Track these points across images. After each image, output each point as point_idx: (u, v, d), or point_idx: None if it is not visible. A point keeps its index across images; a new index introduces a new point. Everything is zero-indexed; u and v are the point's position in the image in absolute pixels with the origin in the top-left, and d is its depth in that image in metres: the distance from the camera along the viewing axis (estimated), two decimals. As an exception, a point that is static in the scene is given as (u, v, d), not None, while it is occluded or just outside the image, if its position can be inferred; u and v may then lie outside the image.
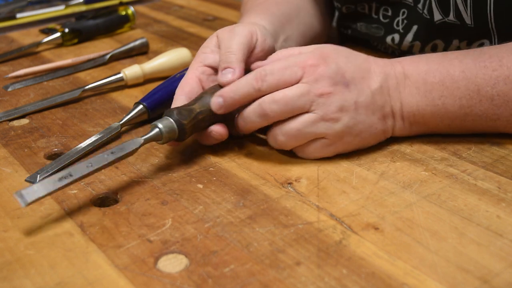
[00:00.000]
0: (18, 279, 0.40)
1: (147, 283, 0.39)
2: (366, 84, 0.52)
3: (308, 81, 0.50)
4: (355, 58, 0.53)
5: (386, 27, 0.74)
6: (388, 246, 0.42)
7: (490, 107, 0.52)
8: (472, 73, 0.52)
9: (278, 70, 0.51)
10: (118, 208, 0.48)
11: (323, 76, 0.50)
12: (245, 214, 0.46)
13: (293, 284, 0.39)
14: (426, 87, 0.53)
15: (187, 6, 1.13)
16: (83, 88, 0.70)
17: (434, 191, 0.49)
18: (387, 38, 0.74)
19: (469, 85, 0.52)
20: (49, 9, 1.06)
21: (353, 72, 0.52)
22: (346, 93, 0.51)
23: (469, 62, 0.53)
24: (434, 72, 0.53)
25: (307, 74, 0.50)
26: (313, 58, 0.51)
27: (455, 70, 0.52)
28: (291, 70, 0.51)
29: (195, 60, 0.58)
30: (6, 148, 0.58)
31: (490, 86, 0.51)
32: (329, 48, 0.53)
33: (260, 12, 0.67)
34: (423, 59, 0.54)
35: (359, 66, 0.53)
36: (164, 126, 0.51)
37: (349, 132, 0.52)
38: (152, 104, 0.62)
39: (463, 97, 0.52)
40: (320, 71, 0.50)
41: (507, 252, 0.41)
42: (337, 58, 0.52)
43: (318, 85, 0.50)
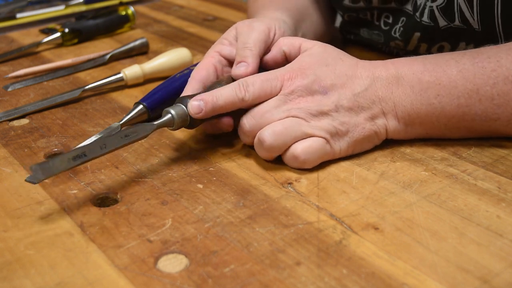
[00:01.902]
0: (18, 279, 0.40)
1: (147, 283, 0.39)
2: (349, 89, 0.52)
3: (285, 93, 0.51)
4: (340, 65, 0.53)
5: (385, 35, 0.74)
6: (388, 246, 0.42)
7: (490, 106, 0.52)
8: (470, 73, 0.51)
9: (260, 82, 0.52)
10: (118, 208, 0.48)
11: (299, 87, 0.51)
12: (245, 214, 0.46)
13: (293, 284, 0.39)
14: (421, 86, 0.52)
15: (187, 6, 1.13)
16: (83, 88, 0.70)
17: (434, 191, 0.49)
18: (391, 43, 0.74)
19: (467, 85, 0.51)
20: (49, 9, 1.06)
21: (333, 79, 0.52)
22: (325, 99, 0.51)
23: (466, 63, 0.52)
24: (430, 72, 0.52)
25: (285, 86, 0.52)
26: (291, 72, 0.52)
27: (452, 70, 0.52)
28: (271, 84, 0.52)
29: (213, 49, 0.59)
30: (6, 148, 0.58)
31: (490, 86, 0.51)
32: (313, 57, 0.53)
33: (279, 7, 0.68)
34: (418, 59, 0.54)
35: (342, 73, 0.53)
36: (177, 113, 0.52)
37: (335, 131, 0.51)
38: (152, 104, 0.62)
39: (461, 96, 0.52)
40: (298, 83, 0.52)
41: (507, 252, 0.41)
42: (317, 68, 0.52)
43: (294, 95, 0.51)
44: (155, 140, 0.59)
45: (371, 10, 0.74)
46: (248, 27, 0.58)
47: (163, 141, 0.59)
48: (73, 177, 0.52)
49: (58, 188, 0.51)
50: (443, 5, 0.65)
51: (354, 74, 0.53)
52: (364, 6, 0.73)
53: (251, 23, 0.58)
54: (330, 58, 0.53)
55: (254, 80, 0.52)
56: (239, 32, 0.58)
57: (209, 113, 0.52)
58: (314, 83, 0.51)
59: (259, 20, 0.59)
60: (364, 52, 0.81)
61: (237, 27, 0.59)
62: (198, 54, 0.84)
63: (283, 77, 0.52)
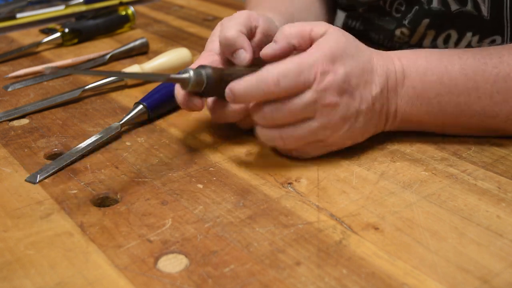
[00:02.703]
0: (18, 279, 0.40)
1: (147, 283, 0.39)
2: (369, 89, 0.52)
3: (317, 89, 0.49)
4: (361, 55, 0.52)
5: (397, 21, 0.74)
6: (388, 246, 0.42)
7: (489, 104, 0.52)
8: (471, 69, 0.52)
9: (293, 75, 0.49)
10: (118, 208, 0.48)
11: (332, 85, 0.50)
12: (245, 214, 0.46)
13: (293, 284, 0.39)
14: (423, 85, 0.53)
15: (187, 6, 1.13)
16: (83, 88, 0.70)
17: (434, 191, 0.49)
18: (396, 31, 0.74)
19: (467, 82, 0.52)
20: (49, 9, 1.06)
21: (358, 76, 0.51)
22: (350, 102, 0.51)
23: (469, 59, 0.52)
24: (433, 70, 0.53)
25: (317, 81, 0.49)
26: (323, 63, 0.50)
27: (454, 66, 0.52)
28: (304, 77, 0.49)
29: (205, 50, 0.59)
30: (6, 148, 0.58)
31: (490, 84, 0.51)
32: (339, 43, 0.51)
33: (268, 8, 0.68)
34: (422, 55, 0.54)
35: (363, 67, 0.52)
36: (195, 73, 0.51)
37: (346, 137, 0.52)
38: (152, 104, 0.62)
39: (461, 94, 0.52)
40: (330, 79, 0.50)
41: (507, 252, 0.41)
42: (346, 61, 0.51)
43: (326, 94, 0.50)
44: (155, 140, 0.59)
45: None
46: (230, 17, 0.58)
47: (163, 141, 0.59)
48: (73, 177, 0.53)
49: (58, 188, 0.51)
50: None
51: (372, 67, 0.52)
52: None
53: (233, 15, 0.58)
54: (351, 45, 0.52)
55: (286, 71, 0.49)
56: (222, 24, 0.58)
57: (238, 101, 0.51)
58: (344, 83, 0.50)
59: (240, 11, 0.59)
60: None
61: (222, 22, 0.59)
62: (198, 54, 0.84)
63: (317, 69, 0.49)
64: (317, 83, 0.49)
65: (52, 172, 0.53)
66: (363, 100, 0.51)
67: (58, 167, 0.54)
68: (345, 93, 0.50)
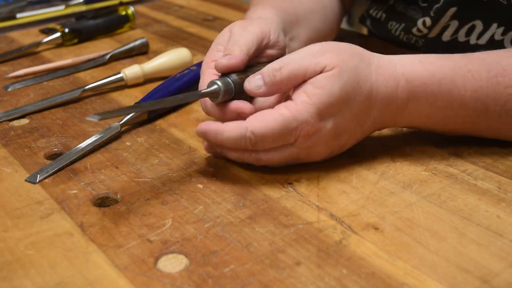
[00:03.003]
0: (18, 279, 0.40)
1: (147, 283, 0.39)
2: (360, 127, 0.51)
3: (299, 147, 0.49)
4: (358, 97, 0.49)
5: (423, 11, 0.72)
6: (388, 246, 0.42)
7: (495, 123, 0.51)
8: (483, 92, 0.50)
9: (276, 136, 0.47)
10: (118, 208, 0.48)
11: (316, 142, 0.49)
12: (245, 214, 0.46)
13: (293, 284, 0.39)
14: (431, 110, 0.51)
15: (187, 6, 1.13)
16: (83, 88, 0.70)
17: (434, 191, 0.49)
18: (418, 21, 0.72)
19: (477, 105, 0.50)
20: (49, 9, 1.06)
21: (349, 121, 0.49)
22: (335, 142, 0.50)
23: (483, 79, 0.50)
24: (444, 96, 0.50)
25: (300, 142, 0.48)
26: (311, 124, 0.47)
27: (467, 90, 0.50)
28: (284, 139, 0.48)
29: (209, 58, 0.57)
30: (6, 148, 0.58)
31: (500, 105, 0.50)
32: (333, 94, 0.47)
33: (273, 6, 0.67)
34: (436, 76, 0.50)
35: (358, 109, 0.49)
36: (224, 84, 0.51)
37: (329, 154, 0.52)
38: (152, 104, 0.62)
39: (468, 116, 0.51)
40: (314, 139, 0.49)
41: (507, 252, 0.41)
42: (336, 111, 0.48)
43: (310, 151, 0.50)
44: (155, 140, 0.59)
45: None
46: (242, 28, 0.56)
47: (163, 141, 0.59)
48: (73, 177, 0.53)
49: (58, 188, 0.51)
50: None
51: (370, 103, 0.50)
52: None
53: (245, 25, 0.57)
54: (348, 87, 0.48)
55: (265, 133, 0.47)
56: (234, 32, 0.57)
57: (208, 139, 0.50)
58: (331, 134, 0.49)
59: (254, 22, 0.58)
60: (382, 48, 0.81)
61: (231, 29, 0.58)
62: (198, 54, 0.84)
63: (301, 131, 0.47)
64: (299, 143, 0.49)
65: (52, 172, 0.53)
66: (351, 136, 0.51)
67: (58, 167, 0.54)
68: (332, 139, 0.50)
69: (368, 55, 0.51)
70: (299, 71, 0.48)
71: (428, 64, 0.51)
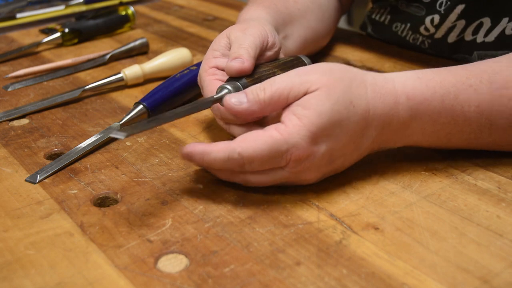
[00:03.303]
0: (18, 279, 0.40)
1: (147, 283, 0.39)
2: (356, 150, 0.48)
3: (290, 171, 0.47)
4: (352, 117, 0.46)
5: (427, 7, 0.71)
6: (388, 246, 0.42)
7: (501, 136, 0.50)
8: (487, 106, 0.48)
9: (260, 160, 0.45)
10: (118, 208, 0.48)
11: (308, 168, 0.47)
12: (245, 214, 0.46)
13: (293, 284, 0.39)
14: (435, 128, 0.49)
15: (187, 6, 1.13)
16: (83, 88, 0.70)
17: (434, 191, 0.49)
18: (426, 19, 0.71)
19: (481, 120, 0.49)
20: (49, 9, 1.06)
21: (344, 146, 0.47)
22: (328, 167, 0.48)
23: (485, 92, 0.48)
24: (447, 112, 0.48)
25: (291, 166, 0.46)
26: (303, 148, 0.45)
27: (471, 105, 0.48)
28: (273, 162, 0.46)
29: (207, 65, 0.56)
30: (6, 148, 0.58)
31: (505, 119, 0.49)
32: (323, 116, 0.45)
33: (266, 6, 0.66)
34: (437, 92, 0.48)
35: (354, 130, 0.47)
36: (234, 88, 0.51)
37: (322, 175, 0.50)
38: (152, 104, 0.62)
39: (472, 132, 0.49)
40: (306, 165, 0.46)
41: (507, 252, 0.41)
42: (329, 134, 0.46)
43: (301, 175, 0.47)
44: (155, 140, 0.59)
45: None
46: (243, 32, 0.56)
47: (163, 141, 0.59)
48: (73, 177, 0.53)
49: (58, 188, 0.51)
50: None
51: (367, 123, 0.47)
52: None
53: (245, 29, 0.56)
54: (340, 107, 0.46)
55: (253, 156, 0.45)
56: (234, 38, 0.56)
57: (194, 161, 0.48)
58: (324, 159, 0.46)
59: (252, 26, 0.57)
60: (379, 53, 0.81)
61: (229, 35, 0.57)
62: (198, 54, 0.84)
63: (290, 156, 0.45)
64: (290, 167, 0.46)
65: (52, 172, 0.53)
66: (346, 160, 0.49)
67: (58, 167, 0.54)
68: (325, 164, 0.47)
69: (362, 74, 0.49)
70: (282, 91, 0.46)
71: (427, 80, 0.48)
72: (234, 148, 0.45)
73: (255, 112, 0.47)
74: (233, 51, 0.54)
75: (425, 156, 0.54)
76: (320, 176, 0.49)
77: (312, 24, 0.73)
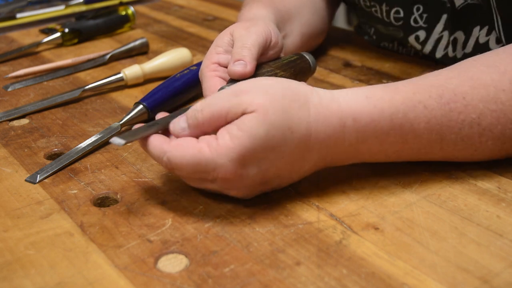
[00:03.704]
0: (18, 279, 0.40)
1: (147, 283, 0.39)
2: (296, 173, 0.47)
3: (219, 186, 0.46)
4: (289, 143, 0.44)
5: (404, 29, 0.72)
6: (388, 246, 0.42)
7: (452, 151, 0.49)
8: (437, 121, 0.47)
9: (187, 171, 0.45)
10: (118, 208, 0.48)
11: (238, 187, 0.45)
12: (245, 214, 0.46)
13: (293, 284, 0.39)
14: (382, 147, 0.47)
15: (187, 6, 1.13)
16: (83, 88, 0.70)
17: (434, 191, 0.49)
18: (410, 38, 0.71)
19: (432, 136, 0.47)
20: (49, 9, 1.06)
21: (279, 169, 0.45)
22: (263, 187, 0.47)
23: (435, 108, 0.46)
24: (396, 131, 0.46)
25: (219, 183, 0.45)
26: (228, 171, 0.43)
27: (420, 122, 0.46)
28: (200, 175, 0.45)
29: (209, 60, 0.56)
30: (6, 148, 0.58)
31: (455, 133, 0.47)
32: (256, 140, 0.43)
33: (267, 5, 0.67)
34: (385, 112, 0.46)
35: (292, 152, 0.45)
36: None
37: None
38: (152, 104, 0.62)
39: (423, 148, 0.48)
40: (235, 184, 0.45)
41: (507, 252, 0.41)
42: (261, 158, 0.44)
43: (230, 191, 0.46)
44: (155, 140, 0.59)
45: (380, 4, 0.72)
46: (246, 30, 0.56)
47: (163, 141, 0.59)
48: (73, 177, 0.53)
49: (58, 188, 0.51)
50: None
51: (307, 146, 0.45)
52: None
53: (248, 27, 0.56)
54: (279, 130, 0.43)
55: (180, 164, 0.44)
56: (238, 35, 0.56)
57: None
58: (254, 180, 0.45)
59: (255, 25, 0.57)
60: (379, 53, 0.81)
61: (232, 32, 0.57)
62: (198, 54, 0.84)
63: (217, 174, 0.44)
64: (218, 183, 0.45)
65: (52, 172, 0.53)
66: (285, 180, 0.47)
67: (58, 167, 0.54)
68: (258, 185, 0.46)
69: (306, 92, 0.46)
70: (220, 112, 0.44)
71: (375, 100, 0.46)
72: (165, 152, 0.44)
73: (198, 135, 0.46)
74: (235, 50, 0.54)
75: (425, 156, 0.54)
76: (253, 194, 0.47)
77: (308, 20, 0.73)
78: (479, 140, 0.48)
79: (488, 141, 0.48)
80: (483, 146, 0.48)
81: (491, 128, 0.47)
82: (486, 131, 0.47)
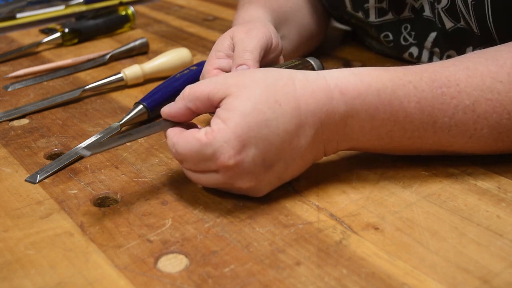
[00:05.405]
0: (18, 279, 0.40)
1: (147, 283, 0.39)
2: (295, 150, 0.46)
3: (224, 176, 0.45)
4: (281, 118, 0.44)
5: (396, 48, 0.73)
6: (388, 246, 0.42)
7: (445, 136, 0.48)
8: (428, 103, 0.46)
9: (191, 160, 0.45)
10: (118, 208, 0.48)
11: (241, 175, 0.45)
12: (245, 214, 0.46)
13: (293, 284, 0.39)
14: (373, 124, 0.47)
15: (187, 6, 1.13)
16: (83, 88, 0.70)
17: (434, 191, 0.49)
18: (404, 55, 0.73)
19: (424, 118, 0.47)
20: (49, 9, 1.06)
21: (277, 149, 0.45)
22: (268, 174, 0.46)
23: (426, 90, 0.46)
24: (385, 106, 0.46)
25: (223, 172, 0.45)
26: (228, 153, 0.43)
27: (411, 101, 0.46)
28: (203, 164, 0.45)
29: (211, 66, 0.56)
30: (6, 148, 0.58)
31: (448, 117, 0.47)
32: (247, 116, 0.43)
33: (263, 5, 0.66)
34: (373, 86, 0.46)
35: (285, 128, 0.45)
36: None
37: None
38: (152, 104, 0.62)
39: (416, 130, 0.47)
40: (237, 171, 0.44)
41: (507, 252, 0.41)
42: (258, 136, 0.44)
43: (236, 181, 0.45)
44: (155, 140, 0.59)
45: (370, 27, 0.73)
46: (247, 34, 0.55)
47: (163, 141, 0.59)
48: (73, 177, 0.53)
49: (58, 188, 0.51)
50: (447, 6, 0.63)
51: (300, 121, 0.45)
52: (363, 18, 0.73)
53: (249, 31, 0.56)
54: (265, 105, 0.44)
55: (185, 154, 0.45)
56: (238, 39, 0.56)
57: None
58: (256, 166, 0.44)
59: (255, 28, 0.57)
60: (379, 57, 0.81)
61: (232, 36, 0.57)
62: (198, 54, 0.84)
63: (217, 161, 0.44)
64: (223, 173, 0.45)
65: (52, 172, 0.53)
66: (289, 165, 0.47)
67: (58, 167, 0.54)
68: (260, 172, 0.45)
69: (290, 72, 0.47)
70: (201, 93, 0.46)
71: (362, 76, 0.47)
72: (173, 144, 0.46)
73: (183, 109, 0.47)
74: (237, 55, 0.54)
75: (425, 156, 0.54)
76: (260, 185, 0.46)
77: (304, 22, 0.73)
78: (473, 127, 0.47)
79: (483, 129, 0.47)
80: (478, 133, 0.48)
81: (486, 116, 0.47)
82: (481, 119, 0.47)
